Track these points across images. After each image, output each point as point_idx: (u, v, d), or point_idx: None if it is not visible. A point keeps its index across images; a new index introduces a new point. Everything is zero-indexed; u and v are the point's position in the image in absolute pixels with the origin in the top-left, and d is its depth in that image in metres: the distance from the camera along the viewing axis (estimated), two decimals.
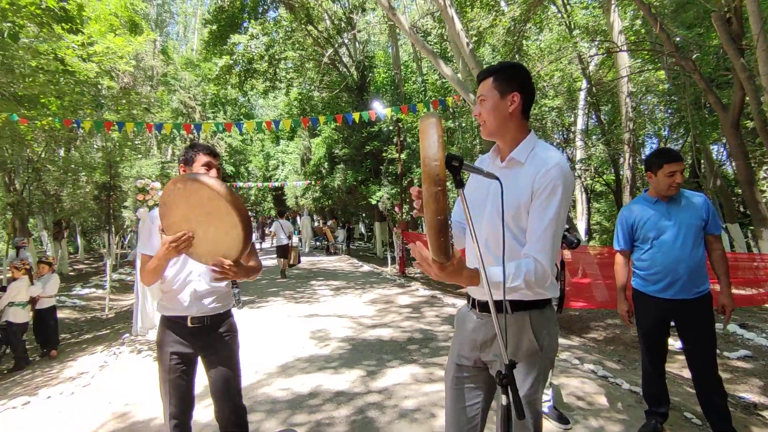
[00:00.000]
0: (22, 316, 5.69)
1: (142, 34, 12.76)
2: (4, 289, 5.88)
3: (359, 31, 15.79)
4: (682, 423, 2.98)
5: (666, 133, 11.63)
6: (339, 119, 9.19)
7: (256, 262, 2.08)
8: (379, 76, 18.12)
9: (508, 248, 1.45)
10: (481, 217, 1.56)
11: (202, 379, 2.18)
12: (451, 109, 11.04)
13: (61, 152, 14.57)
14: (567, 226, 2.67)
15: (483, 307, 1.55)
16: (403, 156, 11.52)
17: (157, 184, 6.51)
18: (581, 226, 12.77)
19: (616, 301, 2.93)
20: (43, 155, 12.85)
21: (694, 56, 6.70)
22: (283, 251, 11.25)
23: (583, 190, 12.40)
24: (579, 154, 11.75)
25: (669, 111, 10.84)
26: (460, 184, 1.21)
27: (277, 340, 5.30)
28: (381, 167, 14.13)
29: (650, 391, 2.85)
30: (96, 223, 19.19)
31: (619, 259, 2.90)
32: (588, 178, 12.50)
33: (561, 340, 5.18)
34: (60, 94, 7.25)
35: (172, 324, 2.07)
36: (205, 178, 1.73)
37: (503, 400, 1.25)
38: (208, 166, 2.04)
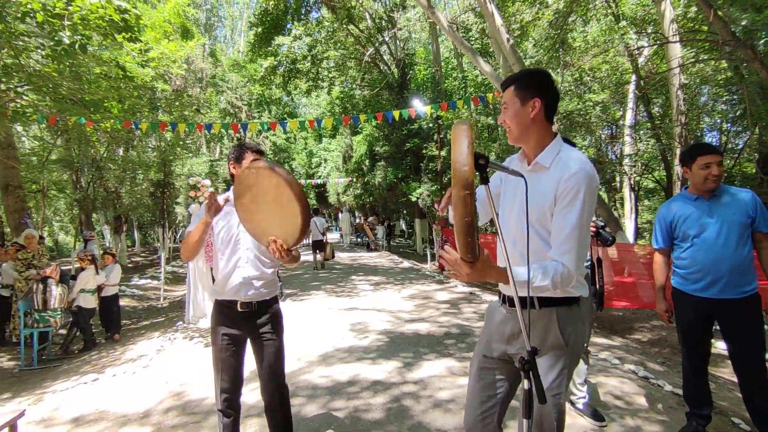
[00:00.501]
0: (90, 302, 6.22)
1: (192, 39, 13.40)
2: (74, 277, 6.43)
3: (400, 29, 15.86)
4: (729, 428, 2.90)
5: (729, 126, 10.94)
6: (379, 117, 9.33)
7: (297, 251, 2.24)
8: (419, 74, 18.13)
9: (534, 248, 1.53)
10: (511, 216, 1.63)
11: (249, 364, 2.37)
12: (491, 106, 10.93)
13: (120, 152, 15.59)
14: (602, 223, 2.66)
15: (512, 302, 1.63)
16: (442, 153, 11.52)
17: (207, 182, 6.91)
18: (629, 224, 12.28)
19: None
20: (105, 155, 13.82)
21: (763, 41, 6.28)
22: (318, 246, 12.04)
23: (630, 187, 11.92)
24: (627, 150, 11.31)
25: (732, 102, 10.19)
26: (485, 180, 1.29)
27: (318, 331, 5.52)
28: (421, 164, 14.18)
29: (691, 392, 2.79)
30: (151, 218, 20.41)
31: (657, 257, 2.86)
32: (636, 175, 12.00)
33: (601, 340, 5.09)
34: (121, 98, 7.82)
35: (223, 308, 2.28)
36: (278, 167, 1.90)
37: (525, 384, 1.33)
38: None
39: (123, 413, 3.45)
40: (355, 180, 21.96)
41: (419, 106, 10.20)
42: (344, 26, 15.58)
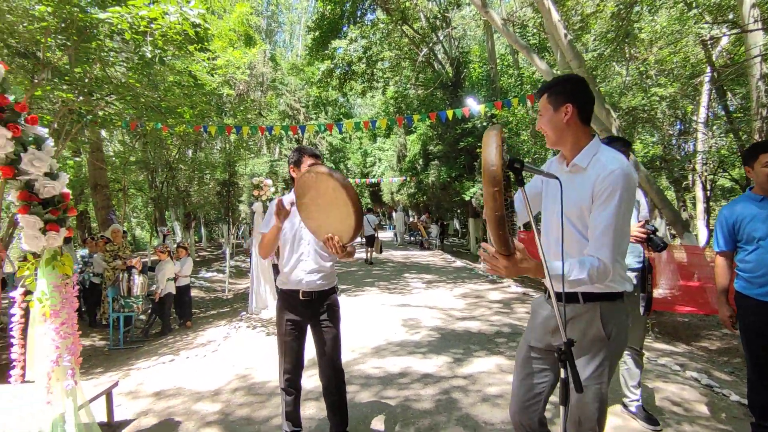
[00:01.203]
0: (170, 287, 6.84)
1: (255, 46, 14.13)
2: (152, 269, 7.09)
3: (454, 28, 15.80)
4: None
5: None
6: (432, 117, 9.40)
7: (352, 248, 2.42)
8: (474, 72, 17.94)
9: (575, 245, 1.62)
10: (552, 215, 1.71)
11: (309, 352, 2.59)
12: None
13: (190, 153, 16.77)
14: (653, 227, 2.62)
15: (558, 296, 1.72)
16: None
17: (269, 181, 7.34)
18: (701, 225, 11.49)
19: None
20: (176, 156, 14.95)
21: None
22: (370, 241, 13.36)
23: (702, 186, 11.14)
24: (699, 147, 10.59)
25: None
26: (521, 183, 1.40)
27: (372, 325, 5.73)
28: (475, 163, 14.07)
29: (755, 402, 2.68)
30: (216, 215, 21.74)
31: (719, 261, 2.76)
32: (709, 174, 11.19)
33: (662, 346, 4.90)
34: (192, 105, 8.47)
35: (287, 296, 2.51)
36: (335, 172, 2.10)
37: (562, 373, 1.41)
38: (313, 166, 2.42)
39: (196, 390, 3.83)
40: (408, 179, 22.12)
41: (473, 105, 10.15)
42: (398, 27, 15.75)
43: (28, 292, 2.54)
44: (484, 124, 13.55)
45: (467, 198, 13.87)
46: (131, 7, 4.74)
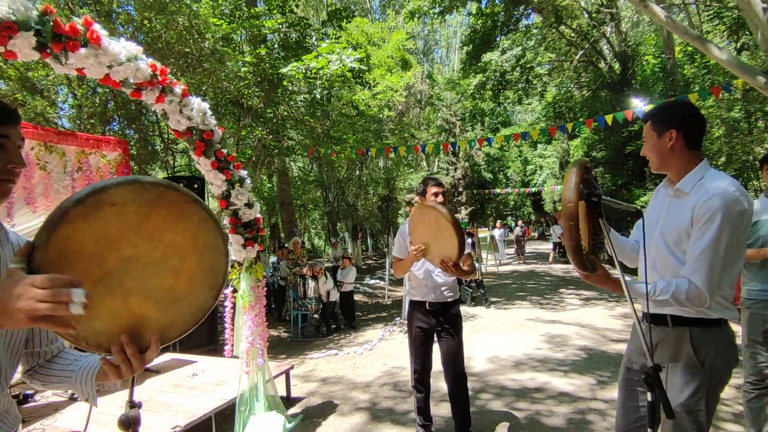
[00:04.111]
0: (334, 296, 7.95)
1: (410, 69, 15.18)
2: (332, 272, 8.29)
3: (621, 20, 14.38)
4: None
5: None
6: (589, 124, 8.84)
7: (468, 267, 2.68)
8: (647, 65, 15.94)
9: (670, 269, 1.64)
10: (651, 241, 1.74)
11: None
12: (740, 94, 8.96)
13: (357, 172, 18.79)
14: None
15: (651, 317, 1.74)
16: None
17: None
18: None
19: None
20: (344, 176, 16.93)
21: None
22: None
23: None
24: None
25: None
26: (600, 215, 1.52)
27: (515, 339, 5.75)
28: (645, 169, 12.51)
29: None
30: (379, 227, 23.68)
31: None
32: None
33: None
34: (355, 132, 9.70)
35: (417, 306, 2.90)
36: (433, 203, 2.46)
37: (649, 396, 1.46)
38: (436, 194, 2.76)
39: (353, 381, 4.50)
40: None
41: (639, 105, 9.18)
42: (554, 29, 15.06)
43: (235, 290, 3.48)
44: None
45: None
46: (304, 60, 5.86)
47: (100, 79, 2.48)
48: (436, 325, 2.83)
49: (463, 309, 8.39)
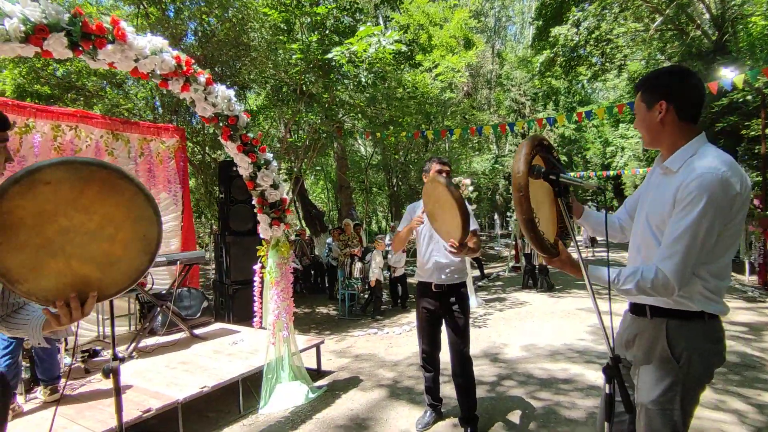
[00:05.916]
0: (379, 276, 8.08)
1: (472, 48, 14.70)
2: (385, 256, 8.42)
3: None
4: None
5: None
6: None
7: (475, 243, 2.64)
8: (754, 28, 13.94)
9: (654, 253, 1.48)
10: (637, 224, 1.60)
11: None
12: None
13: (420, 155, 18.70)
14: None
15: (632, 309, 1.62)
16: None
17: (468, 181, 7.76)
18: None
19: None
20: (405, 158, 16.93)
21: None
22: None
23: None
24: None
25: None
26: (558, 193, 1.43)
27: (558, 329, 5.52)
28: (737, 148, 11.12)
29: None
30: None
31: None
32: None
33: None
34: (416, 111, 9.68)
35: (423, 287, 2.92)
36: (440, 178, 2.42)
37: (606, 389, 1.38)
38: (440, 172, 2.72)
39: (383, 359, 4.63)
40: None
41: (728, 75, 8.14)
42: None
43: (263, 266, 3.71)
44: (757, 98, 10.55)
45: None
46: (347, 44, 5.94)
47: (130, 72, 2.74)
48: (441, 306, 2.82)
49: (515, 296, 8.21)
